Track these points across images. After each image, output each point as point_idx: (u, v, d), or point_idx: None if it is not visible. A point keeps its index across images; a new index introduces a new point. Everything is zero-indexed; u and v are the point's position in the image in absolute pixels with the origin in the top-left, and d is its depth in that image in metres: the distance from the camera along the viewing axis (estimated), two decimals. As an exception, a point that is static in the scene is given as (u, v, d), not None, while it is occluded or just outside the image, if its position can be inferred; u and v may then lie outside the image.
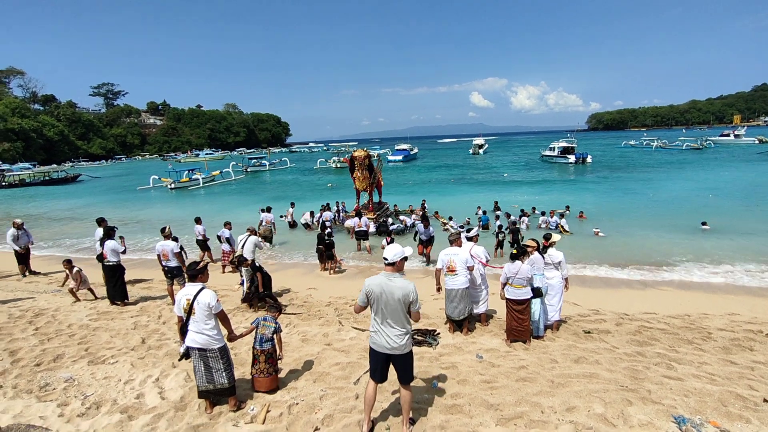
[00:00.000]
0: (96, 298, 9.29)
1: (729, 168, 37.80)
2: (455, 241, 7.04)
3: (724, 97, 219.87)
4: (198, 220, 13.27)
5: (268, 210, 15.80)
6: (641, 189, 27.11)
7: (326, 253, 11.67)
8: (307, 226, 17.88)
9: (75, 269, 9.18)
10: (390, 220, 17.38)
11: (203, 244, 13.29)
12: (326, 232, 12.27)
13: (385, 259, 4.03)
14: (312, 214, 18.35)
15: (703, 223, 15.32)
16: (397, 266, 4.03)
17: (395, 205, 20.47)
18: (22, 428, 4.33)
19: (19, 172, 53.06)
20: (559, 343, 6.55)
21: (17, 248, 11.37)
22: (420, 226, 12.37)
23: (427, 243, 12.35)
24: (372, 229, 16.36)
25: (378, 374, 4.14)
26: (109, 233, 8.93)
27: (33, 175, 53.15)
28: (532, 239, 6.88)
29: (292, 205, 19.26)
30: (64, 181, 54.28)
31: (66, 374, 5.59)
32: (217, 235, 12.46)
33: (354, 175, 17.74)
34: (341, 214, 18.59)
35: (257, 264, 8.33)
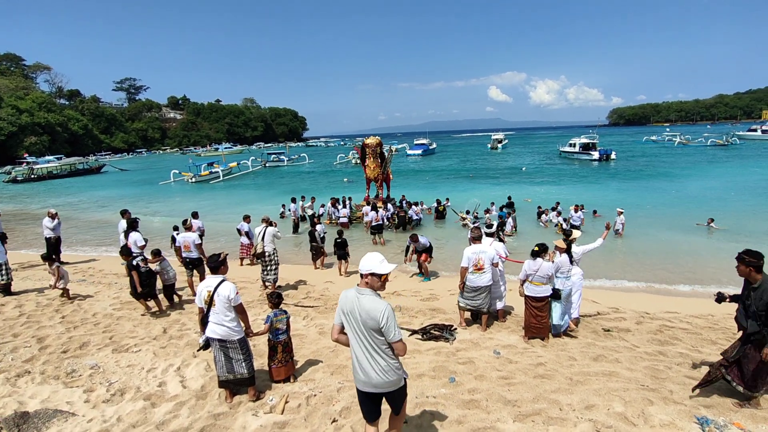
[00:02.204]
0: (70, 299, 8.62)
1: (757, 165, 36.64)
2: (478, 238, 6.89)
3: (753, 91, 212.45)
4: (195, 215, 12.79)
5: (293, 201, 17.10)
6: (665, 187, 26.49)
7: (338, 252, 10.91)
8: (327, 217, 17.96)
9: (54, 265, 8.59)
10: (411, 210, 17.02)
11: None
12: (318, 230, 11.52)
13: (360, 270, 3.18)
14: (313, 199, 18.29)
15: (710, 221, 14.90)
16: (366, 281, 3.13)
17: (402, 196, 20.00)
18: (50, 413, 4.48)
19: (46, 165, 54.70)
20: (577, 340, 6.47)
21: (52, 236, 11.72)
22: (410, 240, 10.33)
23: (422, 252, 10.37)
24: (384, 220, 16.22)
25: (366, 413, 3.42)
26: (133, 225, 9.14)
27: (60, 167, 54.81)
28: (564, 239, 6.77)
29: (302, 198, 19.34)
30: (89, 172, 56.15)
31: (91, 361, 5.75)
32: (237, 228, 12.57)
33: (365, 164, 17.61)
34: (349, 205, 18.46)
35: (134, 263, 7.66)
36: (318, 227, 11.62)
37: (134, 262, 7.68)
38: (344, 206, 17.75)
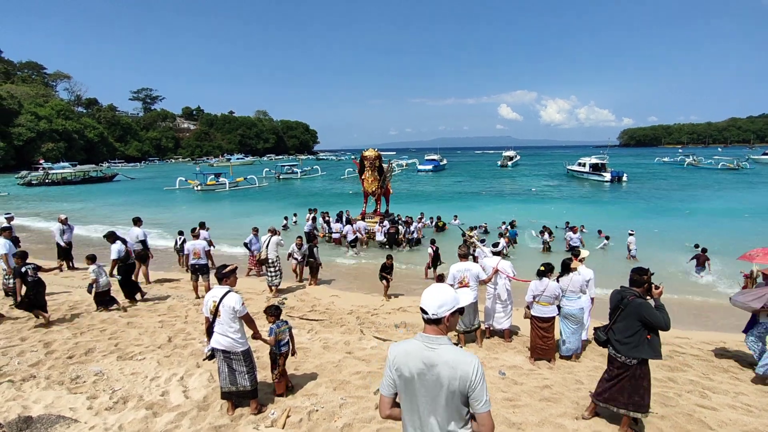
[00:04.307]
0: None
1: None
2: (464, 255, 6.92)
3: (767, 115, 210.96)
4: (203, 225, 12.58)
5: (310, 211, 17.75)
6: (677, 210, 26.19)
7: (382, 275, 10.28)
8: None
9: None
10: (413, 227, 16.87)
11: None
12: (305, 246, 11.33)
13: (424, 311, 2.23)
14: (312, 210, 18.39)
15: (696, 246, 14.72)
16: (446, 324, 2.23)
17: (403, 216, 19.77)
18: (53, 418, 4.48)
19: (60, 171, 55.74)
20: (585, 363, 6.36)
21: (62, 243, 11.89)
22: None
23: None
24: (380, 237, 16.19)
25: None
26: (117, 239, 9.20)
27: (74, 174, 55.82)
28: (581, 259, 6.70)
29: (315, 211, 19.35)
30: (102, 180, 57.04)
31: (96, 368, 5.77)
32: (244, 243, 12.47)
33: (363, 176, 17.49)
34: (346, 219, 18.38)
35: (22, 270, 7.16)
36: (303, 245, 11.45)
37: (22, 269, 7.12)
38: (340, 221, 17.51)
